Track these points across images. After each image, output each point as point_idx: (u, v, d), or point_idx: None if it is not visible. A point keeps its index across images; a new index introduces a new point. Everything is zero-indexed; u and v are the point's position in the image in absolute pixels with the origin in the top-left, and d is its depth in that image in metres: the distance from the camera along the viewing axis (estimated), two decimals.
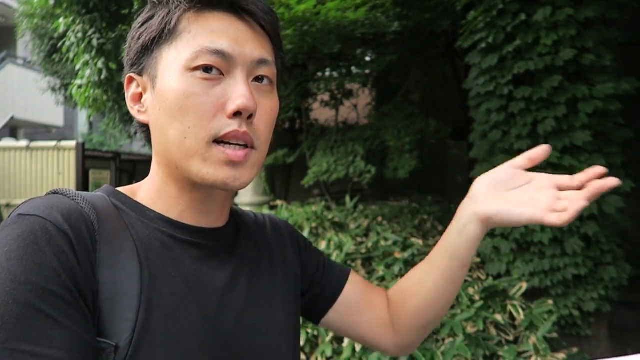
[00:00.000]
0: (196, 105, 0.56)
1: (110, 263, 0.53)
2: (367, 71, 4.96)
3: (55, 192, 0.56)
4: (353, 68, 4.84)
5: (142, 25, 0.61)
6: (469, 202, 0.70)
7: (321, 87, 4.87)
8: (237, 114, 0.56)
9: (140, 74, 0.62)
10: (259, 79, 0.60)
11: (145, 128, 0.65)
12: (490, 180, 0.69)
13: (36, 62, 7.64)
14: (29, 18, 6.52)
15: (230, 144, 0.57)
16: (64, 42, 4.55)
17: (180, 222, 0.62)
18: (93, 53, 4.18)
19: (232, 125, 0.56)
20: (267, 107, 0.61)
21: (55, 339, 0.46)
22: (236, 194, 5.40)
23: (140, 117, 0.63)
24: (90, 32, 4.15)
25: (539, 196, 0.63)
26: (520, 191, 0.66)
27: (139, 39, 0.61)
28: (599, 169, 0.62)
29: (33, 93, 9.99)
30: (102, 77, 4.22)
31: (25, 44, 8.09)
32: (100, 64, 4.18)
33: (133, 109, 0.64)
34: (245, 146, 0.58)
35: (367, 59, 4.97)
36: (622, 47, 3.01)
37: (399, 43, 4.57)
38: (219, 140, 0.57)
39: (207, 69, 0.56)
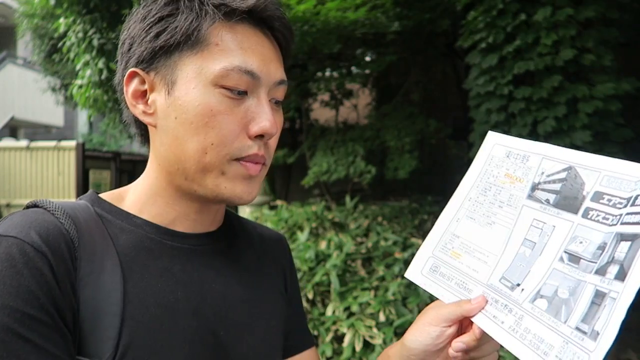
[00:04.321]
0: (222, 123, 0.55)
1: (91, 281, 0.52)
2: (367, 71, 4.96)
3: (35, 205, 0.55)
4: (353, 68, 4.84)
5: (159, 22, 0.56)
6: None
7: (321, 87, 4.87)
8: (259, 135, 0.57)
9: (148, 72, 0.58)
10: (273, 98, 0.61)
11: (143, 127, 0.62)
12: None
13: (36, 62, 7.64)
14: (29, 18, 6.51)
15: (248, 162, 0.58)
16: (64, 42, 4.55)
17: (168, 228, 0.61)
18: (93, 53, 4.18)
19: (253, 148, 0.57)
20: (278, 125, 0.61)
21: None
22: None
23: (147, 119, 0.59)
24: (90, 32, 4.15)
25: None
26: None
27: (156, 37, 0.56)
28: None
29: (33, 93, 10.00)
30: (103, 77, 4.22)
31: (25, 44, 8.09)
32: (100, 64, 4.18)
33: (136, 107, 0.59)
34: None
35: (367, 59, 4.97)
36: (622, 47, 3.01)
37: (399, 43, 4.58)
38: (238, 159, 0.58)
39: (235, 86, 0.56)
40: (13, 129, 12.58)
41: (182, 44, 0.56)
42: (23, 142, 7.33)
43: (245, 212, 4.74)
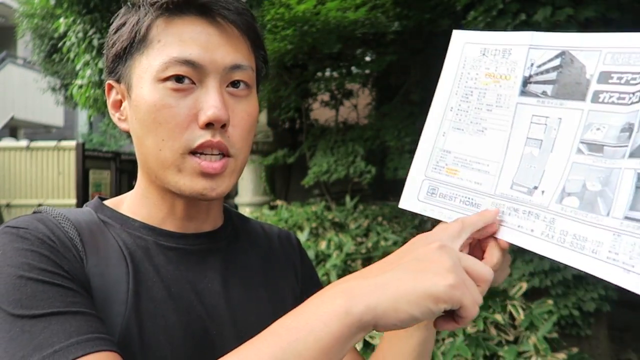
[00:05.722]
0: (168, 117, 0.56)
1: (99, 272, 0.54)
2: (367, 71, 4.96)
3: (38, 212, 0.58)
4: (353, 68, 4.84)
5: (116, 32, 0.60)
6: None
7: (321, 87, 4.88)
8: (209, 124, 0.56)
9: (118, 81, 0.62)
10: (234, 83, 0.59)
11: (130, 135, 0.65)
12: None
13: (36, 62, 7.64)
14: (29, 18, 6.52)
15: (205, 154, 0.57)
16: (64, 42, 4.55)
17: (162, 229, 0.62)
18: (94, 53, 4.18)
19: (205, 136, 0.56)
20: (244, 113, 0.60)
21: (79, 303, 0.49)
22: (236, 193, 5.40)
23: (122, 125, 0.63)
24: (90, 32, 4.15)
25: None
26: None
27: (112, 46, 0.60)
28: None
29: (33, 93, 10.00)
30: (103, 77, 4.22)
31: (25, 44, 8.10)
32: (100, 64, 4.18)
33: (114, 116, 0.64)
34: (222, 155, 0.58)
35: (367, 59, 4.97)
36: None
37: (399, 43, 4.57)
38: (194, 151, 0.57)
39: (178, 78, 0.56)
40: (13, 129, 12.58)
41: (129, 47, 0.58)
42: (23, 142, 7.33)
43: (245, 212, 4.74)
